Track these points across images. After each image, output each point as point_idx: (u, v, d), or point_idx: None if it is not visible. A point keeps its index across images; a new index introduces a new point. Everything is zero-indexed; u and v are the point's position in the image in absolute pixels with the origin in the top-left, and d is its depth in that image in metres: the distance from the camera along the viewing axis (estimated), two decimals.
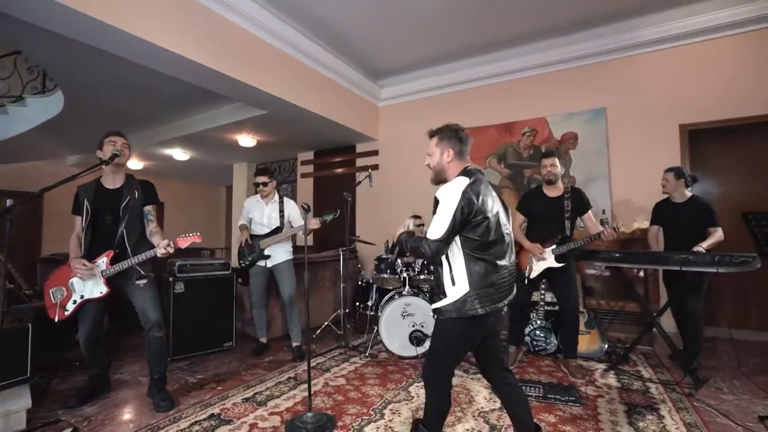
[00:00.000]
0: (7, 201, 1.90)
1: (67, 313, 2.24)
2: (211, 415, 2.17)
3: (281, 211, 3.25)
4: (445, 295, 1.56)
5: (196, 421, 2.10)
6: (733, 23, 3.64)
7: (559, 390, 2.39)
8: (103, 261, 2.24)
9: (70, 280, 2.25)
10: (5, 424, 2.01)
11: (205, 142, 5.91)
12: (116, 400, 2.43)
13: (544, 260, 2.82)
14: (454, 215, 1.49)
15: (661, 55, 3.98)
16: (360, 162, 5.95)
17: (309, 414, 2.04)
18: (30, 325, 2.36)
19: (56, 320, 2.24)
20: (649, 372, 2.81)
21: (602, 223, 3.87)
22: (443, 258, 1.58)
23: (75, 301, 2.24)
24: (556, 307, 3.13)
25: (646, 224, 2.65)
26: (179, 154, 6.52)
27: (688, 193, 3.00)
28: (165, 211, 9.17)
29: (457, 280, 1.55)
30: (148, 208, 2.43)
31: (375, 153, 5.80)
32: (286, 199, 3.33)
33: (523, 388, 2.36)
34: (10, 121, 5.16)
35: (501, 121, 4.76)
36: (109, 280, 2.25)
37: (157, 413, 2.22)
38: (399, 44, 4.38)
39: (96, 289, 2.24)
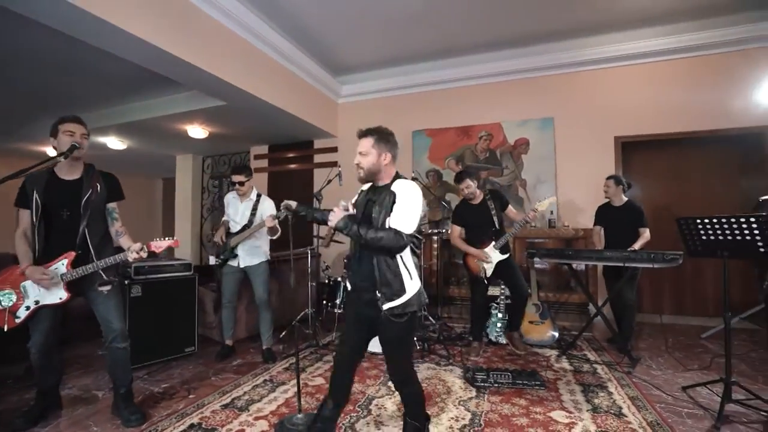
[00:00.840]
0: None
1: (18, 321, 1.98)
2: (191, 425, 2.08)
3: (254, 208, 3.14)
4: (405, 291, 1.60)
5: None
6: (662, 50, 4.18)
7: (526, 376, 2.64)
8: (63, 263, 2.01)
9: (22, 284, 1.99)
10: None
11: (148, 131, 5.43)
12: (73, 418, 2.21)
13: (490, 259, 3.16)
14: (420, 212, 1.64)
15: (601, 73, 4.47)
16: (318, 158, 5.88)
17: (299, 415, 2.04)
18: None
19: (5, 329, 1.97)
20: (593, 355, 3.19)
21: (549, 223, 4.29)
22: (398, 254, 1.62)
23: (28, 307, 1.99)
24: None
25: (552, 199, 3.22)
26: (114, 142, 5.91)
27: (625, 198, 3.43)
28: None
29: (412, 274, 1.64)
30: (112, 205, 2.22)
31: (334, 149, 5.77)
32: (263, 197, 3.22)
33: (494, 375, 2.58)
34: None
35: (460, 124, 5.00)
36: (69, 285, 2.04)
37: (127, 428, 2.06)
38: (363, 41, 4.40)
39: (54, 294, 2.01)
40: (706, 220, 2.24)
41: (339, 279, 3.88)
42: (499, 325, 3.51)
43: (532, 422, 2.09)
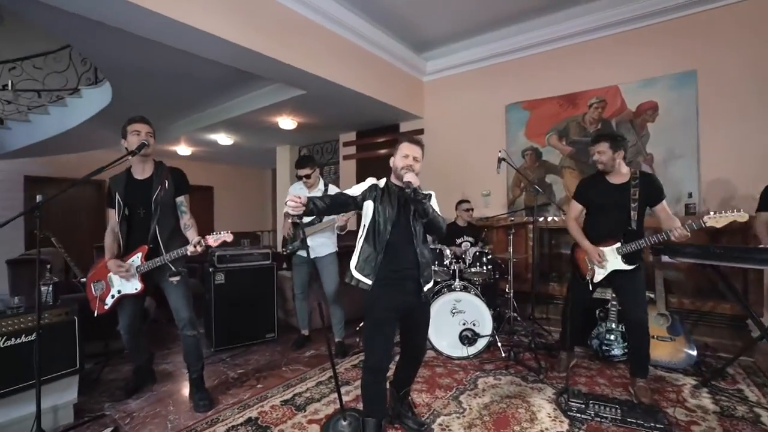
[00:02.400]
0: (38, 197, 1.83)
1: (106, 307, 2.21)
2: (249, 419, 2.07)
3: None
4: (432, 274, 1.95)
5: (233, 426, 2.00)
6: None
7: (642, 413, 2.02)
8: (138, 257, 2.16)
9: (109, 276, 2.20)
10: (54, 418, 2.02)
11: (247, 125, 5.84)
12: (160, 394, 2.41)
13: (606, 264, 2.34)
14: None
15: None
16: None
17: (344, 423, 1.86)
18: (76, 318, 2.37)
19: (96, 314, 2.21)
20: (755, 393, 2.32)
21: (687, 209, 3.32)
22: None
23: (113, 296, 2.20)
24: None
25: (745, 217, 2.00)
26: (224, 138, 6.55)
27: None
28: (214, 194, 9.47)
29: None
30: (180, 199, 2.30)
31: (420, 132, 5.43)
32: (331, 187, 3.12)
33: (596, 406, 2.03)
34: (69, 113, 5.38)
35: (564, 91, 4.19)
36: (145, 276, 2.18)
37: (196, 413, 2.15)
38: (445, 10, 3.92)
39: (131, 285, 2.17)
40: None
41: None
42: (610, 337, 2.83)
43: None
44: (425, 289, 1.82)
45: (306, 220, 3.11)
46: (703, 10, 3.47)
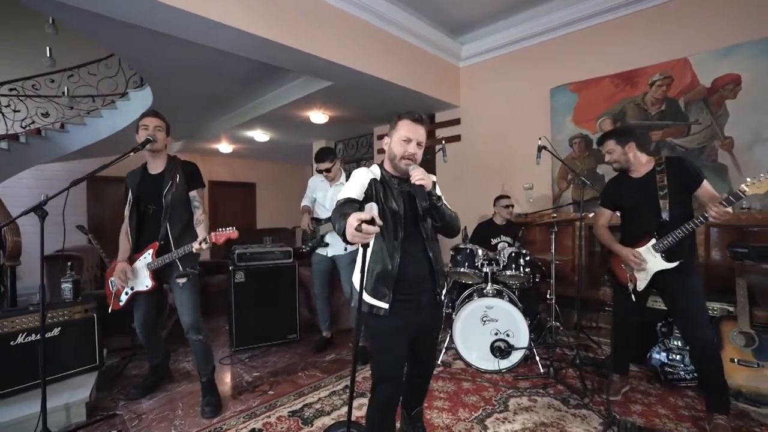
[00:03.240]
0: (42, 196, 1.80)
1: (121, 304, 2.19)
2: (252, 431, 1.93)
3: None
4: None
5: None
6: None
7: None
8: (149, 254, 2.11)
9: (114, 274, 2.17)
10: (66, 416, 2.03)
11: (281, 121, 5.82)
12: (173, 395, 2.37)
13: (646, 265, 1.99)
14: None
15: None
16: (439, 133, 5.29)
17: None
18: (95, 315, 2.39)
19: (110, 310, 2.20)
20: None
21: None
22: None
23: (127, 293, 2.17)
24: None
25: None
26: (260, 135, 6.61)
27: None
28: (257, 190, 9.70)
29: None
30: (193, 193, 2.21)
31: (456, 122, 5.08)
32: None
33: None
34: (118, 115, 5.68)
35: (619, 69, 3.65)
36: (156, 273, 2.13)
37: (202, 419, 2.07)
38: None
39: (142, 282, 2.13)
40: None
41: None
42: (675, 357, 2.38)
43: None
44: (442, 296, 1.56)
45: (324, 215, 2.96)
46: None
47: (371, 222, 1.11)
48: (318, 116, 5.30)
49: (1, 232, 2.40)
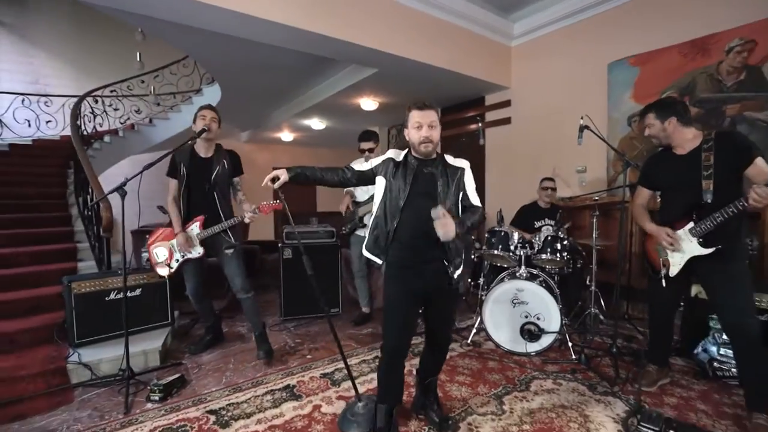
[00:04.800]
0: (124, 177, 2.19)
1: (172, 270, 2.56)
2: (287, 386, 2.20)
3: None
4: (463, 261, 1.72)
5: (271, 390, 2.16)
6: None
7: None
8: (196, 225, 2.46)
9: (172, 242, 2.53)
10: (144, 360, 2.46)
11: (334, 109, 6.09)
12: (228, 352, 2.74)
13: (681, 248, 1.85)
14: None
15: None
16: (490, 116, 5.16)
17: (360, 404, 1.83)
18: (167, 280, 2.82)
19: (163, 276, 2.59)
20: None
21: None
22: None
23: (177, 260, 2.54)
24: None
25: None
26: (316, 123, 6.96)
27: None
28: None
29: None
30: (236, 179, 2.58)
31: (507, 104, 4.92)
32: None
33: None
34: (193, 110, 6.32)
35: (689, 37, 3.27)
36: (204, 244, 2.47)
37: (257, 359, 2.51)
38: None
39: (195, 249, 2.48)
40: None
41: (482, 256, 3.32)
42: (726, 352, 2.20)
43: None
44: (455, 276, 1.66)
45: (364, 197, 3.12)
46: None
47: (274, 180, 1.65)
48: (368, 103, 5.46)
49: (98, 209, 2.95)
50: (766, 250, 2.63)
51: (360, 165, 1.78)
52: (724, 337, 2.20)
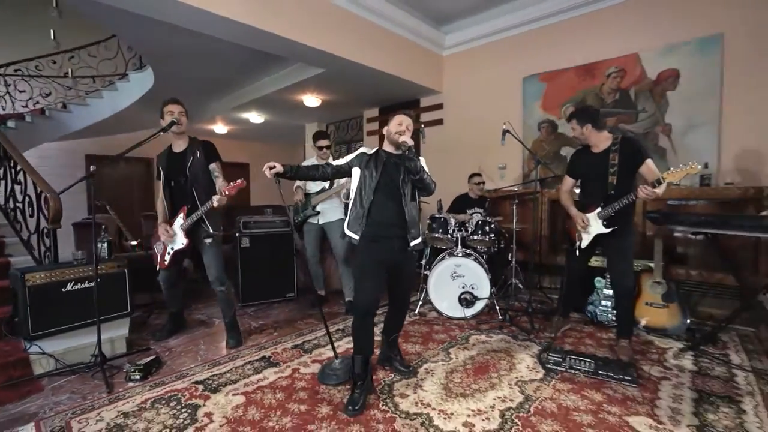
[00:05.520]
0: (91, 167, 2.22)
1: (166, 263, 2.65)
2: (263, 357, 2.43)
3: None
4: (420, 231, 2.10)
5: (250, 361, 2.37)
6: None
7: (615, 367, 2.16)
8: (180, 216, 2.56)
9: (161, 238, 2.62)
10: (111, 348, 2.49)
11: (276, 104, 6.16)
12: (194, 336, 2.85)
13: (590, 228, 2.46)
14: None
15: None
16: (424, 117, 5.71)
17: (336, 361, 2.17)
18: (126, 270, 2.83)
19: (158, 269, 2.69)
20: (741, 357, 2.38)
21: (702, 180, 3.27)
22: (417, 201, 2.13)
23: (169, 253, 2.62)
24: None
25: (696, 168, 2.01)
26: (255, 117, 6.93)
27: None
28: (250, 171, 10.03)
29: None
30: (212, 166, 2.63)
31: (439, 107, 5.51)
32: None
33: (573, 360, 2.20)
34: (119, 96, 5.94)
35: (581, 62, 4.10)
36: (187, 234, 2.57)
37: (227, 348, 2.60)
38: None
39: (180, 241, 2.58)
40: None
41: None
42: (606, 303, 2.94)
43: (596, 422, 1.72)
44: (412, 244, 2.04)
45: (314, 188, 3.39)
46: None
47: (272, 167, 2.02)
48: (311, 100, 5.66)
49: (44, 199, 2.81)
50: (638, 229, 3.46)
51: (337, 162, 2.10)
52: (604, 293, 2.94)
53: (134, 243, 3.91)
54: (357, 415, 1.78)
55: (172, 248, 2.62)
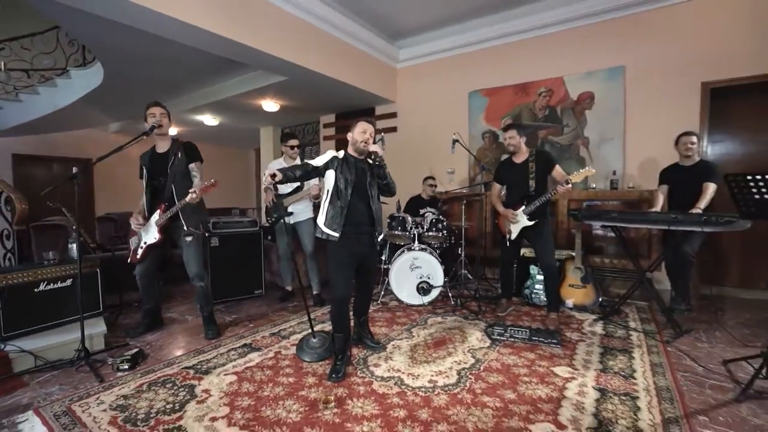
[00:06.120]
0: (73, 168, 2.30)
1: (138, 257, 2.75)
2: (245, 344, 2.65)
3: None
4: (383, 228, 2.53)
5: (233, 348, 2.58)
6: None
7: (544, 334, 2.69)
8: (157, 213, 2.68)
9: (140, 230, 2.74)
10: (90, 344, 2.55)
11: (232, 107, 6.21)
12: (170, 331, 2.96)
13: (518, 222, 3.03)
14: None
15: (684, 7, 3.80)
16: (379, 125, 6.09)
17: (314, 339, 2.46)
18: (98, 270, 2.88)
19: (130, 262, 2.77)
20: (636, 323, 3.03)
21: (611, 184, 3.98)
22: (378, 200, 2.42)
23: (142, 247, 2.72)
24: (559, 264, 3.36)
25: (592, 171, 2.75)
26: (209, 119, 6.89)
27: (697, 158, 3.11)
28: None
29: None
30: (191, 165, 2.78)
31: (393, 115, 5.93)
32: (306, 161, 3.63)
33: (512, 331, 2.69)
34: (58, 93, 5.64)
35: (517, 81, 4.75)
36: (165, 231, 2.69)
37: (206, 340, 2.75)
38: (416, 3, 4.36)
39: (151, 235, 2.69)
40: (758, 177, 1.97)
41: (384, 237, 4.17)
42: (538, 287, 3.50)
43: (530, 373, 2.20)
44: (379, 239, 2.41)
45: (286, 190, 3.63)
46: (631, 13, 4.04)
47: (274, 175, 2.13)
48: (270, 105, 5.82)
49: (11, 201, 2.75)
50: (558, 222, 4.12)
51: (314, 162, 2.30)
52: (537, 278, 3.51)
53: (93, 245, 3.85)
54: (340, 380, 2.09)
55: (144, 242, 2.73)
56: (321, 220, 2.31)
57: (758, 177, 1.98)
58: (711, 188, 2.94)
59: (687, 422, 1.71)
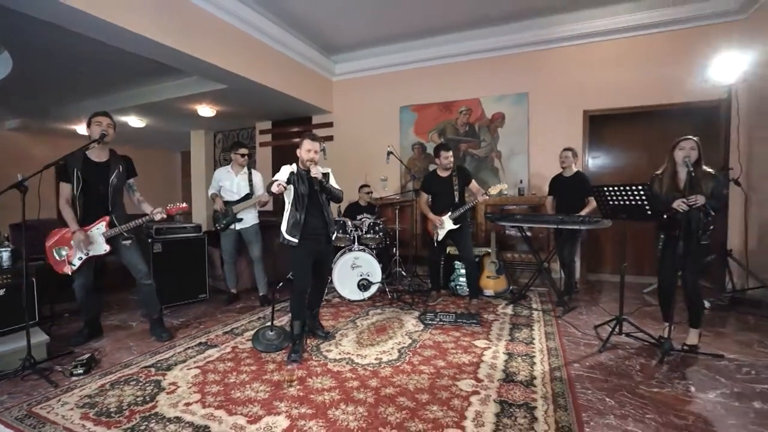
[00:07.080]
0: (18, 175, 2.28)
1: (74, 267, 2.69)
2: (200, 343, 2.79)
3: (250, 180, 3.75)
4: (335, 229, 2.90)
5: (189, 347, 2.71)
6: (629, 27, 4.42)
7: (466, 317, 3.24)
8: (102, 225, 2.68)
9: (72, 241, 2.67)
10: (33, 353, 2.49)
11: (164, 110, 6.03)
12: (116, 338, 2.96)
13: (443, 226, 3.62)
14: None
15: (573, 49, 4.74)
16: (316, 133, 6.37)
17: (271, 333, 2.72)
18: (34, 279, 2.79)
19: (62, 272, 2.70)
20: (537, 305, 3.75)
21: (519, 191, 4.75)
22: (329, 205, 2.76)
23: (80, 258, 2.68)
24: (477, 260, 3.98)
25: (505, 186, 3.53)
26: (135, 121, 6.57)
27: (575, 168, 3.90)
28: None
29: None
30: (130, 181, 2.88)
31: (330, 125, 6.26)
32: (253, 171, 3.83)
33: (441, 315, 3.19)
34: None
35: (442, 99, 5.39)
36: (107, 240, 2.71)
37: (158, 342, 2.81)
38: (351, 23, 4.75)
39: (99, 247, 2.69)
40: (611, 188, 2.69)
41: None
42: (462, 280, 4.09)
43: (456, 346, 2.70)
44: (333, 238, 2.79)
45: (234, 198, 3.77)
46: (531, 50, 4.89)
47: (280, 184, 2.39)
48: (206, 110, 5.79)
49: None
50: (478, 224, 4.80)
51: (279, 176, 2.54)
52: (460, 272, 4.10)
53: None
54: (299, 361, 2.40)
55: (86, 254, 2.71)
56: (283, 227, 2.61)
57: (608, 188, 2.71)
58: (593, 202, 3.74)
59: (566, 368, 2.32)
